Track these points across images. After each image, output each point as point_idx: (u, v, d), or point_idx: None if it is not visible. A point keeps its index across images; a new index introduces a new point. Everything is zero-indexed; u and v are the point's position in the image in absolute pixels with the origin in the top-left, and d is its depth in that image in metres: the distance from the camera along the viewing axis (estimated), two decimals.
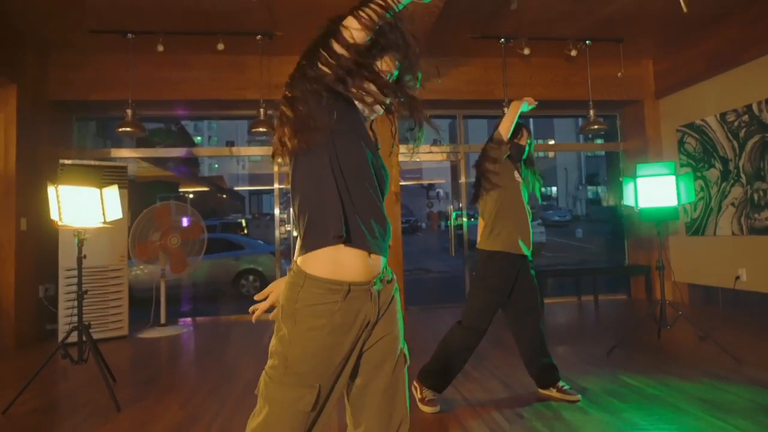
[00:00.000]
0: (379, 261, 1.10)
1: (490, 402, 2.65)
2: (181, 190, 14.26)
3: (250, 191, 25.03)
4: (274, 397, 1.05)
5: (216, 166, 28.04)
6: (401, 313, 1.19)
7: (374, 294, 1.09)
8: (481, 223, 2.67)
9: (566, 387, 2.60)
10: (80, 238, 2.70)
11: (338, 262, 1.05)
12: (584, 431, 2.24)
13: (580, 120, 7.30)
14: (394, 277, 1.17)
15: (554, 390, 2.60)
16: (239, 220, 14.99)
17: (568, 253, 13.04)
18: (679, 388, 2.73)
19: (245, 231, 12.65)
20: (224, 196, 19.61)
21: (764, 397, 2.57)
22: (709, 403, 2.51)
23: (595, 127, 4.75)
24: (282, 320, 1.07)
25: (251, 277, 7.47)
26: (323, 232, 1.06)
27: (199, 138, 32.75)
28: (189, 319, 5.40)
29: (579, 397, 2.56)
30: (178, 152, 5.91)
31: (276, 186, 5.59)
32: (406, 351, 1.17)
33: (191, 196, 15.68)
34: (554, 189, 27.60)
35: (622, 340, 3.69)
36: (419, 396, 2.51)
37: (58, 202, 2.55)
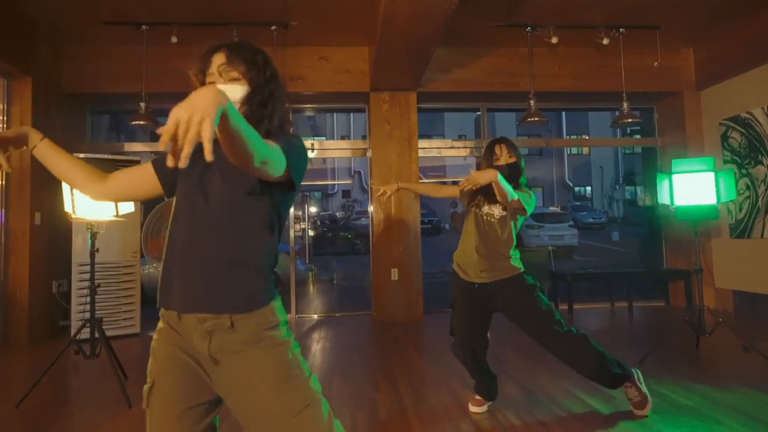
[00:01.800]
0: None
1: (511, 408, 2.67)
2: None
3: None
4: None
5: None
6: (280, 363, 1.08)
7: (202, 331, 1.08)
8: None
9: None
10: (93, 231, 2.83)
11: None
12: None
13: (615, 114, 7.22)
14: (266, 325, 1.08)
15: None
16: None
17: (602, 257, 12.84)
18: (716, 400, 2.68)
19: None
20: None
21: None
22: (749, 416, 2.46)
23: (629, 120, 4.70)
24: None
25: None
26: None
27: None
28: None
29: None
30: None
31: None
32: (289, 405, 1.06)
33: None
34: (588, 189, 27.16)
35: (657, 348, 3.64)
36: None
37: (72, 194, 2.68)
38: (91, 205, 2.76)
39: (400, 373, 3.37)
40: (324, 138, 23.71)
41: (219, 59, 1.16)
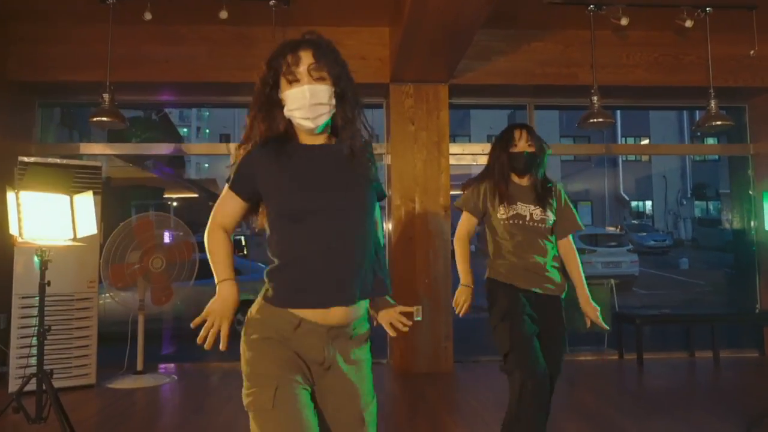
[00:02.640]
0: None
1: None
2: (165, 196, 14.57)
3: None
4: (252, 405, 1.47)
5: (206, 165, 28.65)
6: (370, 373, 1.57)
7: (326, 337, 1.48)
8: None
9: None
10: (43, 258, 2.73)
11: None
12: None
13: (694, 114, 7.08)
14: (364, 330, 1.56)
15: None
16: (237, 237, 15.18)
17: (669, 290, 12.68)
18: None
19: (244, 251, 12.77)
20: None
21: None
22: None
23: (718, 123, 4.61)
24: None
25: None
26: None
27: (185, 129, 33.59)
28: (172, 365, 5.44)
29: None
30: (166, 148, 6.04)
31: None
32: (365, 415, 1.51)
33: (174, 204, 16.01)
34: (649, 204, 27.00)
35: (761, 416, 3.49)
36: None
37: (19, 212, 2.59)
38: (43, 226, 2.66)
39: None
40: None
41: (307, 58, 1.47)
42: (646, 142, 25.51)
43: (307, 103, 1.45)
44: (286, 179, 1.48)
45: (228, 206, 1.58)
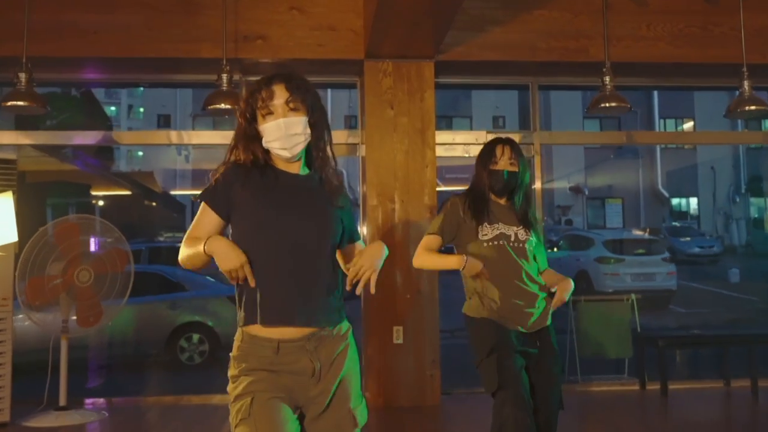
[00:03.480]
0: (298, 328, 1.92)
1: None
2: (92, 193, 14.62)
3: (195, 196, 25.32)
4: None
5: (140, 154, 28.60)
6: (356, 369, 2.02)
7: (310, 349, 1.91)
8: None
9: None
10: None
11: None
12: None
13: (734, 94, 7.40)
14: (344, 330, 2.03)
15: None
16: (178, 245, 15.22)
17: (715, 307, 12.92)
18: None
19: None
20: (154, 203, 19.99)
21: None
22: None
23: (751, 108, 4.87)
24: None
25: (195, 337, 7.72)
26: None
27: (113, 108, 33.42)
28: (101, 400, 5.62)
29: None
30: (94, 137, 6.23)
31: None
32: (357, 417, 1.96)
33: (101, 203, 16.07)
34: (693, 202, 27.27)
35: None
36: None
37: None
38: None
39: None
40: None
41: (281, 92, 1.93)
42: (689, 124, 25.73)
43: (283, 134, 1.91)
44: (260, 202, 1.94)
45: (203, 221, 1.99)
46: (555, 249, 15.97)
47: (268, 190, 1.95)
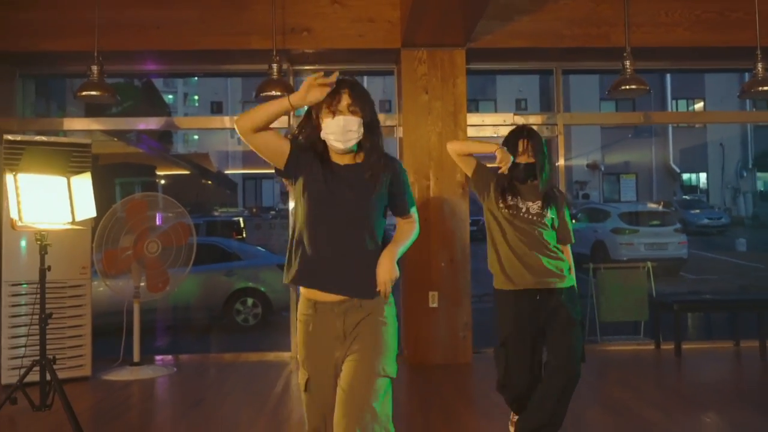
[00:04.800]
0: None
1: None
2: (156, 173, 14.86)
3: (245, 175, 25.66)
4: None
5: (196, 138, 28.94)
6: (384, 337, 2.14)
7: (338, 312, 2.11)
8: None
9: None
10: (43, 243, 3.03)
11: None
12: None
13: (744, 76, 7.22)
14: (378, 307, 2.15)
15: None
16: (234, 219, 15.45)
17: (723, 275, 12.79)
18: None
19: (243, 234, 13.07)
20: (209, 182, 20.25)
21: None
22: None
23: (765, 88, 4.75)
24: None
25: (250, 301, 7.83)
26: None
27: (171, 96, 33.80)
28: (169, 357, 5.77)
29: None
30: (156, 123, 6.31)
31: None
32: (377, 368, 2.07)
33: (163, 182, 16.33)
34: (702, 177, 26.84)
35: None
36: None
37: (18, 195, 2.89)
38: (42, 210, 2.96)
39: None
40: None
41: (345, 99, 2.11)
42: (700, 105, 25.26)
43: (341, 129, 2.08)
44: (316, 185, 2.12)
45: (279, 138, 2.14)
46: (574, 221, 15.83)
47: (322, 172, 2.13)
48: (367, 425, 1.99)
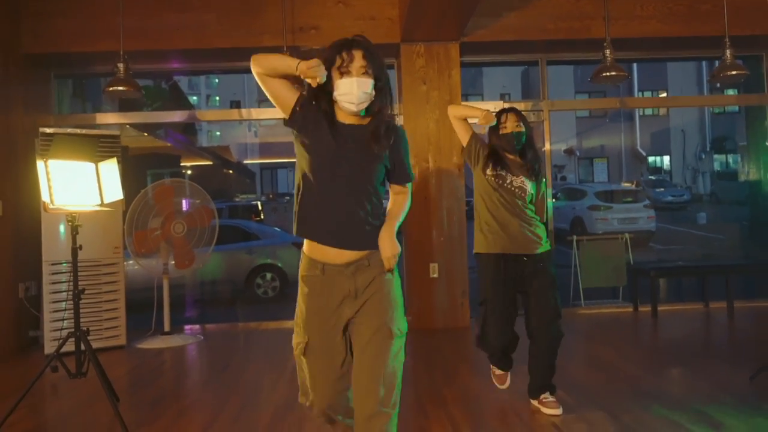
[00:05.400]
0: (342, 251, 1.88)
1: None
2: (182, 164, 14.71)
3: (263, 165, 25.52)
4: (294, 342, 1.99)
5: (218, 133, 28.77)
6: (393, 293, 1.92)
7: (348, 274, 1.87)
8: None
9: (550, 399, 3.03)
10: (74, 224, 2.88)
11: (312, 247, 1.93)
12: None
13: (713, 65, 7.02)
14: (381, 261, 1.89)
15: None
16: (253, 203, 15.35)
17: (687, 245, 12.71)
18: None
19: (261, 216, 12.99)
20: (230, 171, 20.11)
21: None
22: None
23: (733, 72, 4.57)
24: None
25: (269, 275, 7.73)
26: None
27: (195, 98, 33.59)
28: (197, 327, 5.67)
29: (559, 411, 2.95)
30: (180, 116, 6.13)
31: None
32: (393, 327, 1.87)
33: (189, 172, 16.21)
34: (666, 159, 26.71)
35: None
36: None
37: (48, 179, 2.72)
38: (72, 193, 2.80)
39: (450, 395, 3.41)
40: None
41: (359, 59, 1.84)
42: (663, 95, 25.09)
43: (355, 90, 1.81)
44: (322, 142, 1.87)
45: (289, 87, 1.88)
46: (554, 200, 15.80)
47: (328, 129, 1.87)
48: (388, 382, 1.84)
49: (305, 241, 1.93)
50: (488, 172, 3.02)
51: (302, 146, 1.91)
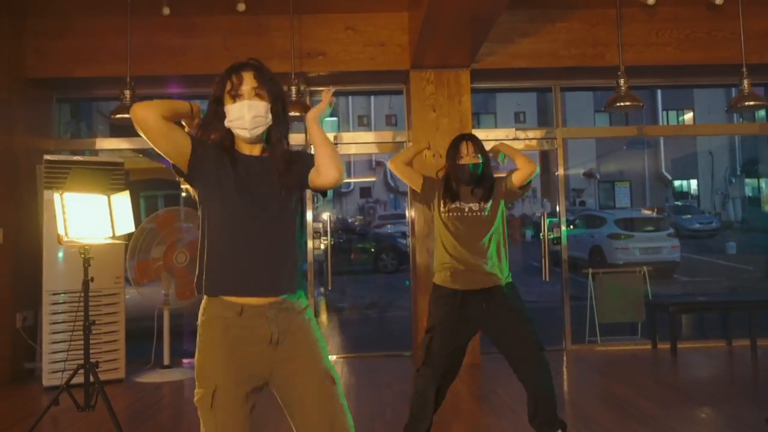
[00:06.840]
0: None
1: None
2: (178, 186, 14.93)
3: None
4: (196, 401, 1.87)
5: None
6: (319, 335, 1.92)
7: (270, 317, 1.82)
8: None
9: None
10: (86, 256, 3.13)
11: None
12: None
13: (731, 90, 7.25)
14: (303, 305, 1.91)
15: None
16: None
17: (714, 276, 12.77)
18: None
19: None
20: None
21: None
22: None
23: (750, 103, 4.81)
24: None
25: None
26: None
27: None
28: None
29: None
30: None
31: None
32: (331, 372, 1.88)
33: (183, 194, 16.45)
34: (693, 183, 26.80)
35: None
36: None
37: (64, 212, 2.99)
38: (85, 226, 3.06)
39: (458, 431, 3.56)
40: (335, 119, 24.05)
41: (250, 80, 1.84)
42: (689, 115, 25.28)
43: (246, 115, 1.80)
44: (226, 182, 1.83)
45: (181, 134, 1.84)
46: (572, 227, 15.89)
47: (229, 170, 1.84)
48: (350, 428, 1.87)
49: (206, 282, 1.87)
50: (442, 209, 3.16)
51: (206, 187, 1.86)
